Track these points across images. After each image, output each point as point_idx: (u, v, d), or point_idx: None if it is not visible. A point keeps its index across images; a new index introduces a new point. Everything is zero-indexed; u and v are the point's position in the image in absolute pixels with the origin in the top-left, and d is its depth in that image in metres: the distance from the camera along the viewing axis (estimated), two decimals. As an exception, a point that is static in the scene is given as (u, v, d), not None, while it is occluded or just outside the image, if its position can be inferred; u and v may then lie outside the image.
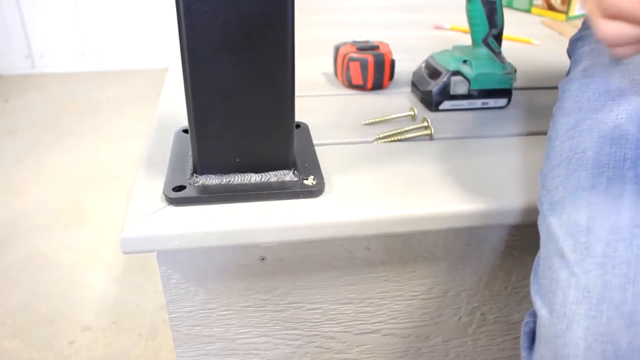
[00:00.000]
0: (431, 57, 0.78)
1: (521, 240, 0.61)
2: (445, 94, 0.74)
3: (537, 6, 1.30)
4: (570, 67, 0.63)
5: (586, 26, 0.64)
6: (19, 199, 1.75)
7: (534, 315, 0.46)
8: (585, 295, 0.38)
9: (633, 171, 0.42)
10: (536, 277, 0.46)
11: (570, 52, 0.65)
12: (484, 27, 0.72)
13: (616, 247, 0.39)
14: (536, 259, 0.48)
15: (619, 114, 0.46)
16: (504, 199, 0.56)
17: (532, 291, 0.45)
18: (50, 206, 1.71)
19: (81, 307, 1.33)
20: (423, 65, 0.80)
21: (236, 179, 0.55)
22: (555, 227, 0.44)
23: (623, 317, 0.37)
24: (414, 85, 0.80)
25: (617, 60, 0.52)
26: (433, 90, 0.74)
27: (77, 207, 1.71)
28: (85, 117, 2.32)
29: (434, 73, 0.76)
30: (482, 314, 0.67)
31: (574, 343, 0.38)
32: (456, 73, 0.73)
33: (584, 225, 0.41)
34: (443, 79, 0.73)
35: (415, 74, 0.80)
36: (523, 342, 0.47)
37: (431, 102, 0.74)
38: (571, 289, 0.39)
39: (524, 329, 0.47)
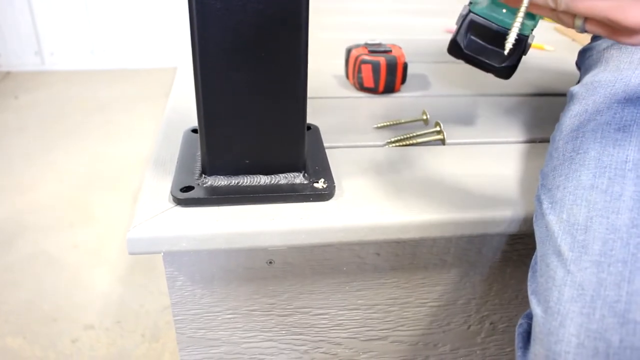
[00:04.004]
0: (474, 14, 0.61)
1: (534, 249, 0.60)
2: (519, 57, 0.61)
3: (550, 12, 1.29)
4: (580, 75, 0.64)
5: (594, 38, 0.65)
6: (26, 197, 1.75)
7: (528, 317, 0.47)
8: (580, 293, 0.39)
9: (634, 172, 0.43)
10: (533, 275, 0.46)
11: (580, 63, 0.66)
12: None
13: (613, 245, 0.40)
14: (533, 257, 0.48)
15: (624, 116, 0.47)
16: (517, 206, 0.55)
17: (529, 290, 0.46)
18: (56, 204, 1.71)
19: (85, 306, 1.33)
20: (468, 33, 0.62)
21: (245, 181, 0.54)
22: (554, 226, 0.44)
23: (616, 315, 0.37)
24: (473, 62, 0.64)
25: (623, 67, 0.53)
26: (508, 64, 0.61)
27: (83, 206, 1.71)
28: (94, 115, 2.32)
29: (497, 37, 0.60)
30: (491, 323, 0.66)
31: (566, 340, 0.38)
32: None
33: (582, 224, 0.42)
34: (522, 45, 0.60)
35: (469, 47, 0.63)
36: (517, 342, 0.47)
37: (511, 70, 0.62)
38: (566, 287, 0.40)
39: (518, 330, 0.47)
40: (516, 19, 0.42)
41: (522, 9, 0.41)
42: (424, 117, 0.71)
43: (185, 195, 0.52)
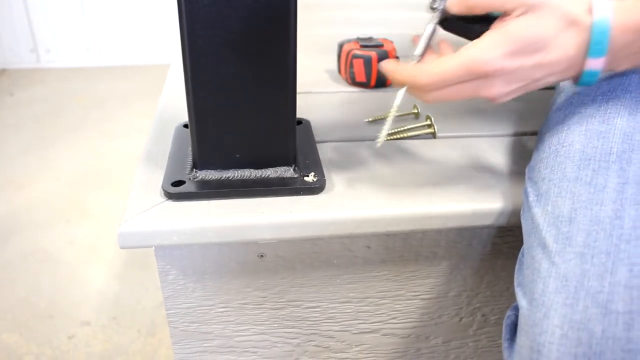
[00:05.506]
0: None
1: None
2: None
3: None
4: None
5: None
6: (22, 194, 1.75)
7: (515, 309, 0.47)
8: (564, 284, 0.39)
9: (618, 164, 0.43)
10: (520, 268, 0.47)
11: None
12: None
13: (597, 237, 0.40)
14: (521, 250, 0.48)
15: (608, 108, 0.47)
16: (507, 199, 0.55)
17: (516, 282, 0.46)
18: (52, 201, 1.71)
19: (81, 303, 1.33)
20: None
21: (236, 175, 0.55)
22: (539, 218, 0.45)
23: (599, 306, 0.37)
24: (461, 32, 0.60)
25: None
26: None
27: (79, 202, 1.71)
28: (90, 112, 2.32)
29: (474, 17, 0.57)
30: (483, 315, 0.66)
31: (550, 331, 0.38)
32: None
33: (566, 216, 0.42)
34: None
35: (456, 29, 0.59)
36: (504, 334, 0.47)
37: None
38: (551, 279, 0.40)
39: (505, 322, 0.48)
40: (386, 126, 0.52)
41: (389, 119, 0.53)
42: (415, 111, 0.71)
43: (177, 190, 0.53)
